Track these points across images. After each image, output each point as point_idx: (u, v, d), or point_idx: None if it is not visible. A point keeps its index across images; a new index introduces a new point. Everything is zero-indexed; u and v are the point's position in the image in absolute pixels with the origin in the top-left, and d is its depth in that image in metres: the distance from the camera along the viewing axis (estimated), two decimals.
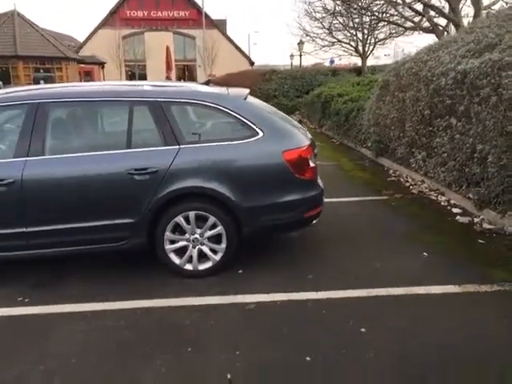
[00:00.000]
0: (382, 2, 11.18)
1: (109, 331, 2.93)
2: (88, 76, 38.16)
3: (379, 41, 18.00)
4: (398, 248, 4.20)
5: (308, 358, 2.58)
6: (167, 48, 33.47)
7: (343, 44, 18.60)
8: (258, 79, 20.14)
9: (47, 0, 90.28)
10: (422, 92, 6.19)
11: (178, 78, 39.77)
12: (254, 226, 3.61)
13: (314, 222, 3.89)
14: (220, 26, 41.61)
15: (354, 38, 17.95)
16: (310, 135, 3.99)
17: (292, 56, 36.74)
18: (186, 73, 42.03)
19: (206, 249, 3.62)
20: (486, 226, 4.64)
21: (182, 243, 3.60)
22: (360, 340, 2.77)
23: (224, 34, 40.55)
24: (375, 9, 11.83)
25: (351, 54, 19.31)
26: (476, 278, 3.48)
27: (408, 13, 11.11)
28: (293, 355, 2.63)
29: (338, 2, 15.02)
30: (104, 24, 40.30)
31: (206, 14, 39.87)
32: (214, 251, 3.63)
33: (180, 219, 3.52)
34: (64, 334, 2.92)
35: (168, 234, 3.55)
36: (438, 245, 4.20)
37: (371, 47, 18.26)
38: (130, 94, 3.60)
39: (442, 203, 5.50)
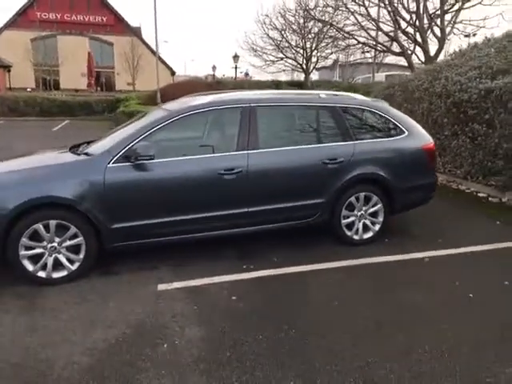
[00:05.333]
0: (358, 27, 13.03)
1: (347, 281, 3.85)
2: None
3: (320, 58, 20.07)
4: (472, 220, 5.62)
5: (506, 283, 3.79)
6: (89, 54, 32.61)
7: (288, 60, 20.33)
8: (204, 89, 20.95)
9: None
10: (435, 104, 7.81)
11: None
12: (402, 203, 4.74)
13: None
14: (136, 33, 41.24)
15: (299, 54, 19.78)
16: None
17: (214, 67, 37.94)
18: (103, 80, 40.75)
19: (368, 222, 4.65)
20: None
21: (351, 218, 4.59)
22: None
23: (144, 42, 40.28)
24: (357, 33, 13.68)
25: (293, 69, 21.10)
26: None
27: (380, 38, 13.10)
28: (494, 280, 3.83)
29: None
30: (9, 25, 37.62)
31: (123, 20, 39.35)
32: (373, 223, 4.68)
33: (353, 199, 4.52)
34: (316, 284, 3.77)
35: (344, 211, 4.52)
36: (496, 216, 5.68)
37: (313, 65, 20.23)
38: (316, 101, 4.52)
39: (466, 191, 7.10)
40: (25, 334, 3.01)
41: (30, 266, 3.62)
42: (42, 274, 3.67)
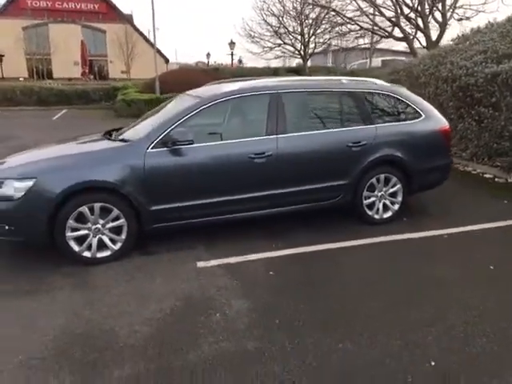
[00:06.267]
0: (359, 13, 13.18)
1: (373, 256, 4.09)
2: None
3: (318, 44, 20.17)
4: (481, 199, 5.88)
5: None
6: (82, 42, 32.32)
7: (286, 46, 20.40)
8: (201, 77, 20.94)
9: None
10: (441, 88, 8.02)
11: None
12: (420, 183, 4.97)
13: None
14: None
15: (297, 40, 19.86)
16: None
17: (208, 54, 37.79)
18: (96, 68, 40.38)
19: (388, 202, 4.89)
20: None
21: (372, 199, 4.82)
22: None
23: (137, 29, 39.91)
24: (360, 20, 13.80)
25: (290, 56, 21.18)
26: None
27: (381, 23, 13.28)
28: (506, 252, 4.09)
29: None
30: (0, 14, 37.03)
31: (115, 7, 38.94)
32: (393, 203, 4.91)
33: (374, 180, 4.75)
34: (346, 259, 4.01)
35: (365, 192, 4.75)
36: (503, 195, 5.95)
37: (310, 50, 20.33)
38: (338, 86, 4.72)
39: (473, 172, 7.36)
40: (83, 307, 3.22)
41: (75, 247, 3.82)
42: (87, 254, 3.87)
